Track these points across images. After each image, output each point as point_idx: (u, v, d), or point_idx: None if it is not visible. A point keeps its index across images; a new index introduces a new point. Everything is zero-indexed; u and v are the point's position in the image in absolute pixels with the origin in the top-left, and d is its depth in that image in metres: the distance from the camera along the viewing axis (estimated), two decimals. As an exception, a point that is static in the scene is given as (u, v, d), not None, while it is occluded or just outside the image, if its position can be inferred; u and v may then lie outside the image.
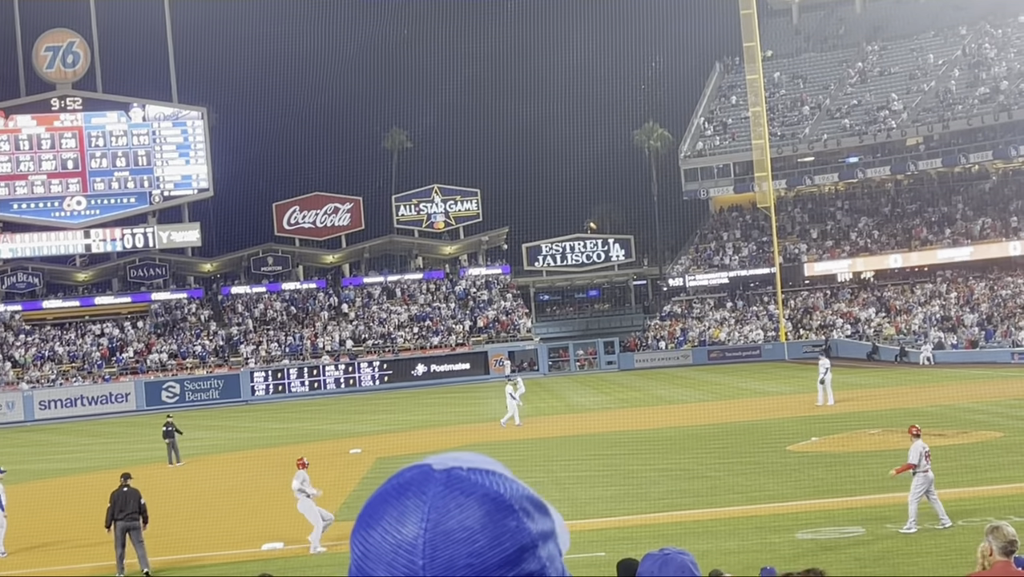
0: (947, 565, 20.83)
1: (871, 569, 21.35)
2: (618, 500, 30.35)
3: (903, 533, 23.74)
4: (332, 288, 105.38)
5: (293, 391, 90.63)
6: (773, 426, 45.02)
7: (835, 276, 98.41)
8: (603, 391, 69.76)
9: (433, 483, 1.78)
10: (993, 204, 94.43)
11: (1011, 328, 78.20)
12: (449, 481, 1.77)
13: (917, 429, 24.85)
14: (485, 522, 1.74)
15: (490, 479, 1.78)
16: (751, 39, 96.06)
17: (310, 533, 27.21)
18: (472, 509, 1.74)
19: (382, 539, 1.78)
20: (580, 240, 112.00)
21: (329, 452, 47.11)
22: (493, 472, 1.77)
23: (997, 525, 11.12)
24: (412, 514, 1.76)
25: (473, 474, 1.77)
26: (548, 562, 1.79)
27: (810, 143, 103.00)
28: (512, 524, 1.76)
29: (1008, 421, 40.92)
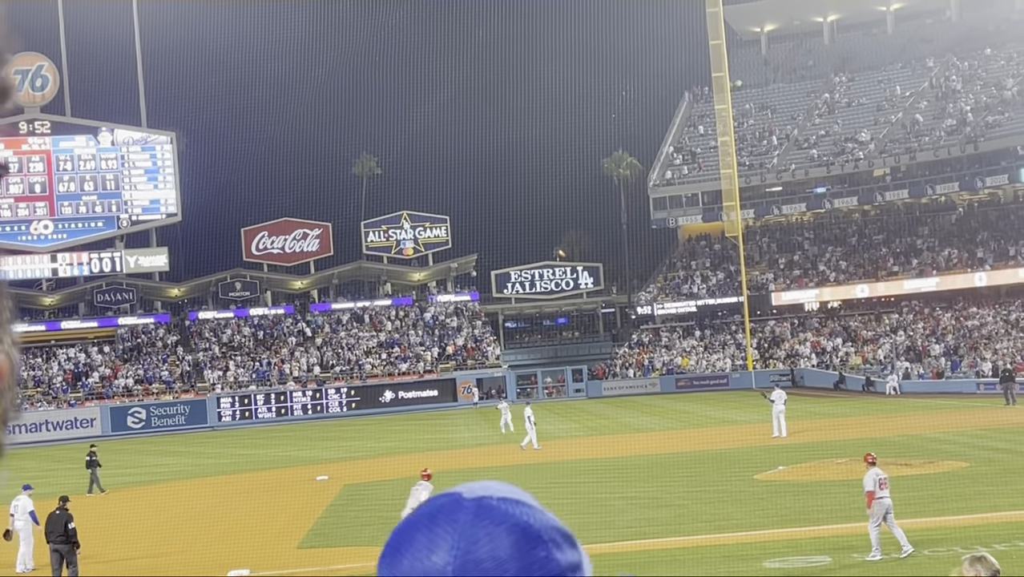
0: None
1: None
2: (585, 528, 30.27)
3: (868, 561, 23.80)
4: (300, 314, 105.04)
5: (260, 417, 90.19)
6: (740, 455, 45.07)
7: (802, 306, 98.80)
8: (571, 419, 69.73)
9: (463, 512, 1.75)
10: (959, 235, 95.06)
11: (977, 359, 78.62)
12: (479, 510, 1.75)
13: (872, 457, 25.03)
14: (514, 552, 1.72)
15: (520, 509, 1.77)
16: (720, 69, 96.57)
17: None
18: (502, 539, 1.73)
19: (411, 566, 1.75)
20: (549, 267, 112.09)
21: (296, 479, 46.93)
22: (523, 502, 1.77)
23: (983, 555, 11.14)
24: (442, 542, 1.73)
25: (503, 504, 1.76)
26: None
27: (778, 173, 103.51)
28: (541, 555, 1.74)
29: (974, 451, 41.09)
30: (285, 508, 38.51)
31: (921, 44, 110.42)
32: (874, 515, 24.05)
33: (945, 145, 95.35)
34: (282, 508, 38.56)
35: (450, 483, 1.87)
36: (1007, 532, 25.63)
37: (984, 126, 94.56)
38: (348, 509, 37.32)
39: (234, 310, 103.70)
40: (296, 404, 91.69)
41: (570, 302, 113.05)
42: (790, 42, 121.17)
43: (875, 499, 24.06)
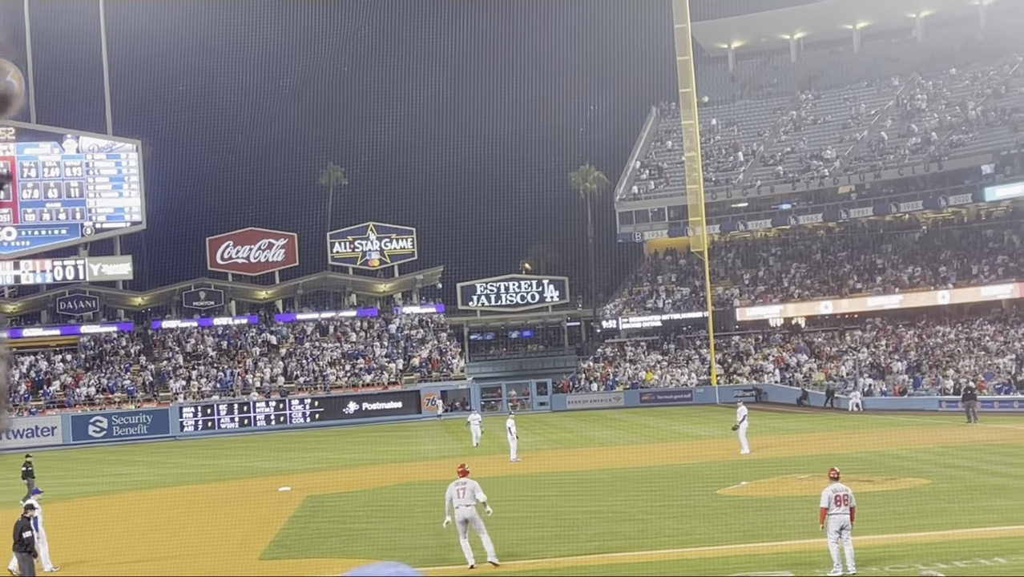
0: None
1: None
2: (548, 542, 30.27)
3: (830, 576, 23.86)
4: (265, 324, 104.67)
5: (223, 427, 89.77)
6: (704, 469, 45.15)
7: (767, 321, 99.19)
8: (535, 432, 69.67)
9: None
10: (922, 253, 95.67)
11: (939, 376, 79.08)
12: None
13: (835, 472, 25.13)
14: None
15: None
16: (687, 85, 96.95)
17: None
18: None
19: None
20: (515, 280, 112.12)
21: (258, 490, 46.73)
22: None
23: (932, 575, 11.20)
24: None
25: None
26: None
27: (744, 189, 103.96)
28: None
29: (935, 468, 41.31)
30: (247, 519, 38.31)
31: (887, 63, 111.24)
32: (829, 531, 24.15)
33: (909, 163, 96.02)
34: (244, 519, 38.36)
35: (417, 494, 1.86)
36: (968, 549, 25.76)
37: (948, 145, 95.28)
38: (311, 520, 37.17)
39: (198, 319, 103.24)
40: (259, 415, 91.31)
41: (536, 315, 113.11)
42: (757, 59, 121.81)
43: (829, 515, 24.14)
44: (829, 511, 24.14)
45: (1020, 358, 77.50)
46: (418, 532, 33.36)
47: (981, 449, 47.64)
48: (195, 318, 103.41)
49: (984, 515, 30.56)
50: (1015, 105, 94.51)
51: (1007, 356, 78.95)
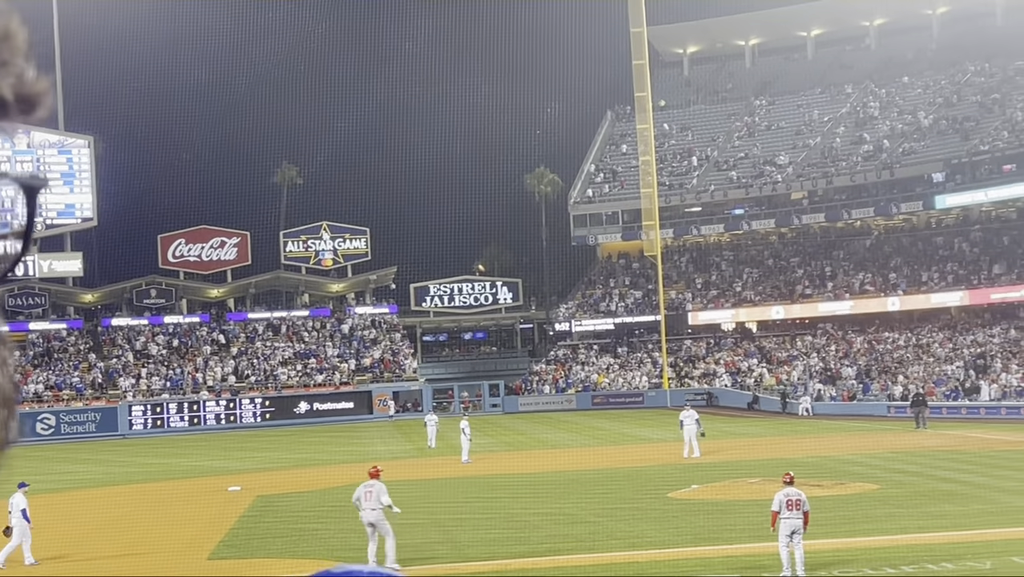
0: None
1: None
2: (499, 543, 30.26)
3: None
4: (216, 322, 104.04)
5: (172, 426, 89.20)
6: (654, 472, 45.28)
7: (718, 325, 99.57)
8: (487, 433, 69.61)
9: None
10: (873, 260, 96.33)
11: (888, 382, 79.67)
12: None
13: (789, 477, 25.22)
14: None
15: None
16: (643, 89, 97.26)
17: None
18: None
19: None
20: (468, 282, 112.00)
21: (208, 489, 46.45)
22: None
23: None
24: None
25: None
26: None
27: (697, 194, 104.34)
28: None
29: (884, 473, 41.60)
30: (196, 518, 38.07)
31: (840, 70, 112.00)
32: (780, 534, 24.24)
33: (861, 171, 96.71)
34: (193, 518, 38.12)
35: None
36: (916, 554, 25.96)
37: (900, 153, 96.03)
38: (260, 520, 36.99)
39: (148, 317, 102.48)
40: (209, 413, 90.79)
41: (489, 317, 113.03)
42: (712, 64, 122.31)
43: (781, 519, 24.24)
44: (780, 515, 24.22)
45: (968, 365, 78.19)
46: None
47: (929, 455, 48.02)
48: (146, 316, 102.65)
49: (932, 520, 30.81)
50: (966, 114, 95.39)
51: (955, 363, 79.65)
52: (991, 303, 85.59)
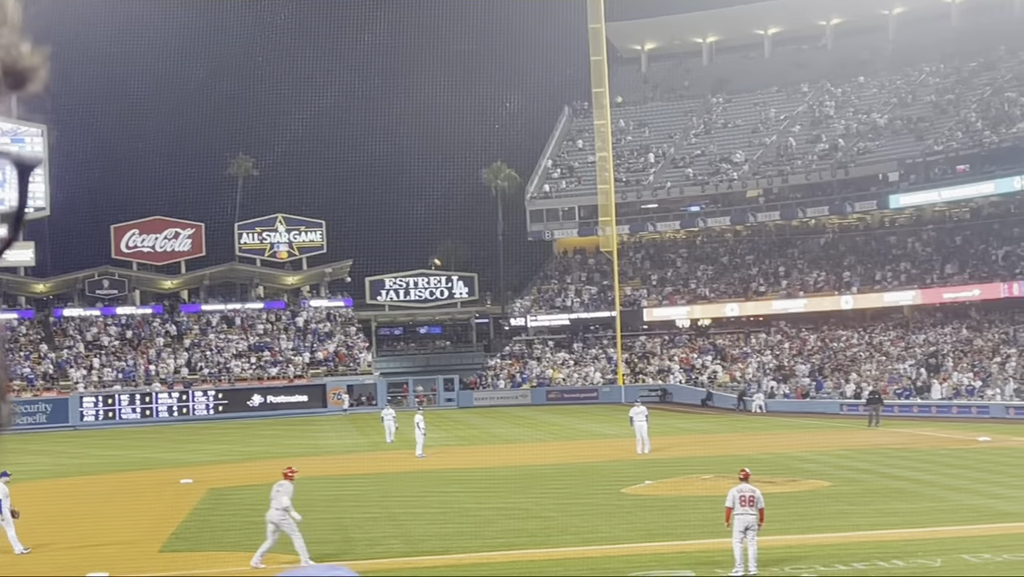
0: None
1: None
2: (453, 538, 30.22)
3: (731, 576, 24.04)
4: (169, 314, 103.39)
5: (124, 418, 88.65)
6: (608, 468, 45.36)
7: (673, 322, 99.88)
8: (442, 428, 69.55)
9: None
10: (827, 258, 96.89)
11: (841, 380, 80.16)
12: None
13: (745, 473, 25.28)
14: None
15: None
16: (600, 85, 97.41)
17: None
18: None
19: None
20: (424, 276, 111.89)
21: (159, 481, 46.16)
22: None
23: None
24: None
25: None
26: None
27: (654, 190, 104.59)
28: None
29: (836, 471, 41.84)
30: (148, 511, 37.82)
31: (797, 69, 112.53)
32: (734, 530, 24.30)
33: (817, 169, 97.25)
34: (145, 511, 37.87)
35: (321, 489, 1.84)
36: (867, 551, 26.11)
37: (855, 152, 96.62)
38: (212, 513, 36.78)
39: (101, 308, 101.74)
40: (162, 406, 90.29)
41: (444, 311, 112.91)
42: (669, 61, 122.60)
43: (735, 515, 24.30)
44: (734, 511, 24.28)
45: (920, 364, 78.79)
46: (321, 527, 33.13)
47: (881, 453, 48.35)
48: (98, 307, 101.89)
49: (883, 518, 31.00)
50: (921, 114, 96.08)
51: (908, 361, 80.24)
52: (943, 302, 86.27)
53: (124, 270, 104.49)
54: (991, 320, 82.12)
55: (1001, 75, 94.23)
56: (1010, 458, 45.10)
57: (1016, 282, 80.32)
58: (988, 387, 71.51)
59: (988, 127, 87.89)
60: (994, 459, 44.76)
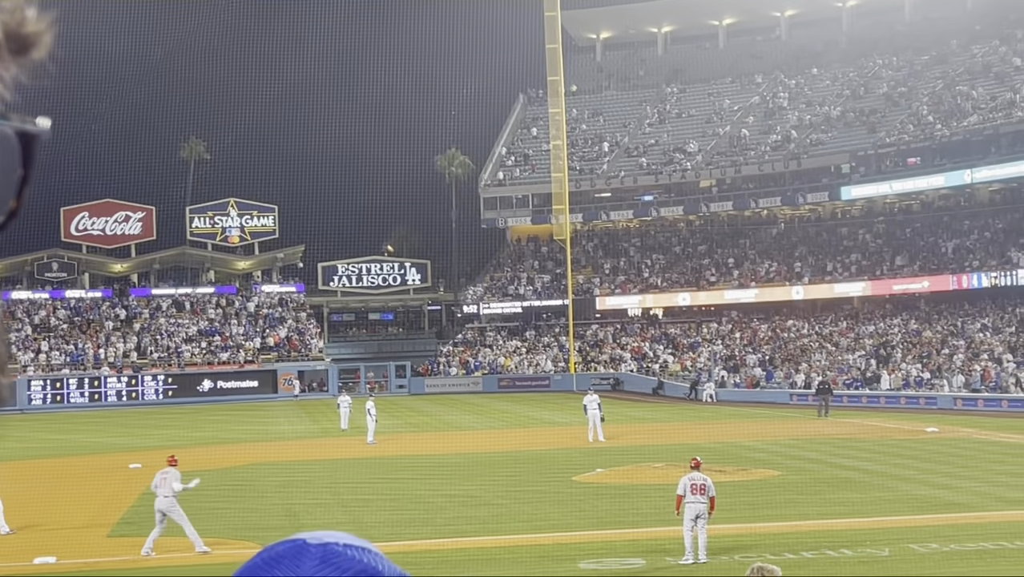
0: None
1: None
2: (404, 525, 30.17)
3: (681, 564, 24.12)
4: (119, 298, 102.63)
5: (72, 402, 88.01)
6: (560, 456, 45.42)
7: (626, 311, 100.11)
8: (393, 414, 69.43)
9: (308, 557, 1.63)
10: (779, 249, 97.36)
11: (791, 370, 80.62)
12: (325, 556, 1.63)
13: (696, 461, 25.35)
14: None
15: (367, 556, 1.66)
16: (555, 73, 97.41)
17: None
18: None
19: None
20: (377, 262, 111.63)
21: (108, 466, 45.82)
22: (369, 550, 1.67)
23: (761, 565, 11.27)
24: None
25: (349, 550, 1.65)
26: None
27: (607, 179, 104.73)
28: None
29: (785, 460, 42.07)
30: (96, 495, 37.53)
31: (751, 60, 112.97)
32: (685, 518, 24.35)
33: (769, 160, 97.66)
34: (93, 495, 37.58)
35: (270, 474, 1.86)
36: (815, 540, 26.27)
37: (808, 143, 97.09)
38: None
39: (50, 291, 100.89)
40: (111, 390, 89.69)
41: (396, 298, 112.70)
42: (624, 50, 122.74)
43: (685, 503, 24.35)
44: (685, 499, 24.32)
45: (869, 355, 79.35)
46: (271, 513, 33.04)
47: (830, 443, 48.65)
48: (47, 289, 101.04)
49: (832, 507, 31.21)
50: (873, 107, 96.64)
51: (857, 352, 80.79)
52: (893, 294, 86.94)
53: (74, 253, 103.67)
54: (940, 312, 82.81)
55: (953, 69, 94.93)
56: (957, 449, 45.51)
57: (965, 275, 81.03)
58: (936, 378, 72.13)
59: (939, 120, 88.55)
60: (942, 450, 45.15)
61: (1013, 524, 27.73)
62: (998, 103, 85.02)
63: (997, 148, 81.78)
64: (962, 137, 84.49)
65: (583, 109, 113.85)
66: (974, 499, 32.08)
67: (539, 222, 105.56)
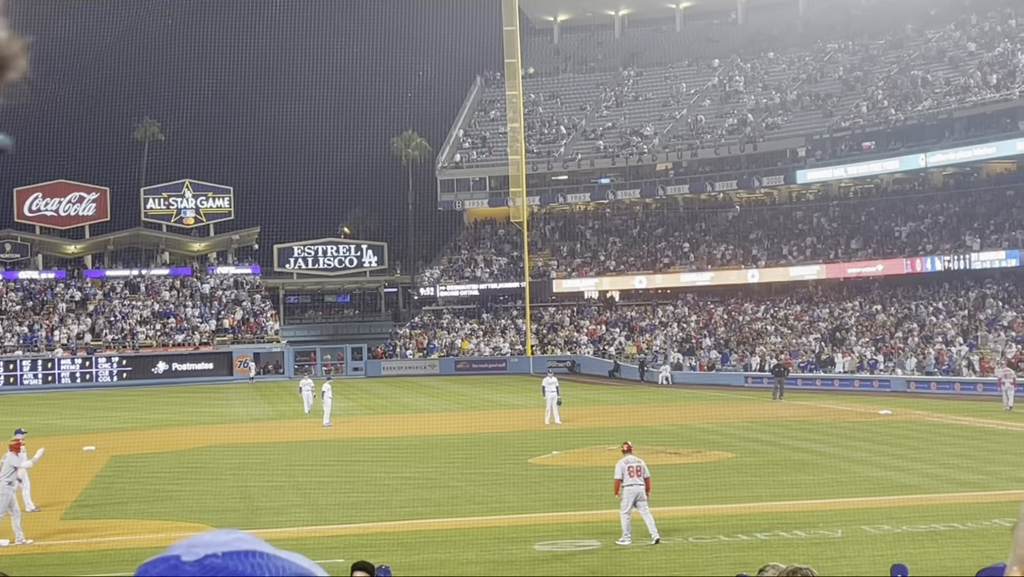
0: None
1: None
2: (359, 507, 30.16)
3: (618, 545, 24.29)
4: (73, 279, 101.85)
5: (25, 384, 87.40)
6: (515, 438, 45.50)
7: (582, 294, 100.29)
8: (349, 397, 69.33)
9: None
10: (735, 232, 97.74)
11: (746, 353, 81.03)
12: (204, 573, 1.50)
13: (628, 445, 25.61)
14: None
15: (250, 562, 1.53)
16: (512, 56, 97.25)
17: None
18: None
19: None
20: (333, 244, 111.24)
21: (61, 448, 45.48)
22: (253, 553, 1.54)
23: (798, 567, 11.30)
24: None
25: (230, 561, 1.51)
26: None
27: (564, 162, 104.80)
28: None
29: (739, 442, 42.32)
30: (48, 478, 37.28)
31: (708, 44, 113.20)
32: (624, 501, 24.56)
33: (726, 144, 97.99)
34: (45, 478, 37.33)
35: (226, 457, 1.84)
36: (769, 522, 26.43)
37: (764, 127, 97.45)
38: (115, 480, 36.38)
39: (2, 272, 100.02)
40: (64, 372, 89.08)
41: (353, 280, 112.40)
42: (582, 33, 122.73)
43: (624, 486, 24.59)
44: (624, 482, 24.58)
45: (824, 338, 79.86)
46: (226, 495, 32.95)
47: (784, 425, 48.98)
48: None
49: (786, 489, 31.43)
50: (828, 91, 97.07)
51: (812, 335, 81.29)
52: (847, 277, 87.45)
53: (27, 234, 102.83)
54: (894, 296, 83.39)
55: (908, 53, 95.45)
56: (910, 431, 45.91)
57: (918, 258, 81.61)
58: (890, 361, 72.70)
59: (894, 105, 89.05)
60: (894, 432, 45.53)
61: (964, 506, 28.02)
62: (952, 87, 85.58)
63: (951, 132, 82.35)
64: (916, 121, 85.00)
65: (540, 92, 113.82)
66: (926, 481, 32.39)
67: (496, 205, 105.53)
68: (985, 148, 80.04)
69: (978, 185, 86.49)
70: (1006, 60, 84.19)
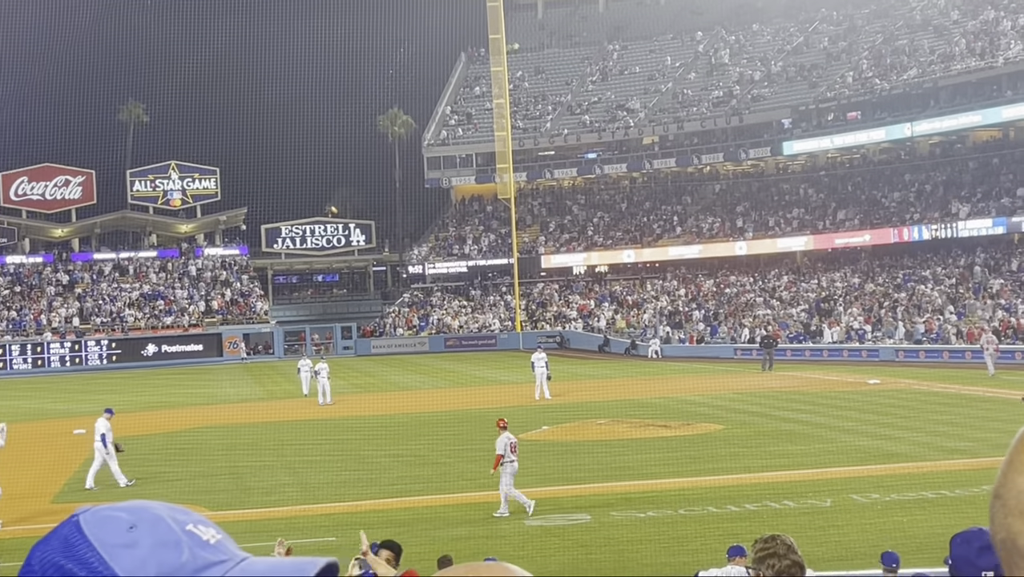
0: (668, 552, 21.47)
1: (595, 555, 21.82)
2: (349, 485, 30.23)
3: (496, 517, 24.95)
4: (60, 263, 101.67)
5: (15, 368, 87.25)
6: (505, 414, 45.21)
7: (571, 269, 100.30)
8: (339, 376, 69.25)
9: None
10: (722, 205, 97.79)
11: (735, 325, 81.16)
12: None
13: (504, 422, 26.19)
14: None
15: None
16: (497, 31, 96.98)
17: None
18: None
19: None
20: (320, 224, 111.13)
21: (52, 432, 45.56)
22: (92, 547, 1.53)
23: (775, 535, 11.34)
24: None
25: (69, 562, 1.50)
26: None
27: (551, 137, 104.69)
28: None
29: (728, 414, 42.43)
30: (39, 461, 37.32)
31: (692, 16, 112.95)
32: (505, 476, 25.12)
33: (711, 116, 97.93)
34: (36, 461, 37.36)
35: (216, 437, 1.84)
36: (758, 493, 26.56)
37: (749, 99, 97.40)
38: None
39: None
40: (53, 355, 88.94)
41: (341, 259, 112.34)
42: (566, 8, 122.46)
43: (506, 461, 25.23)
44: (505, 458, 25.28)
45: (812, 309, 79.99)
46: (217, 476, 33.00)
47: (773, 396, 49.10)
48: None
49: (775, 460, 31.54)
50: (814, 62, 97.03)
51: (800, 306, 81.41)
52: (835, 248, 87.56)
53: (13, 218, 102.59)
54: (882, 265, 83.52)
55: (892, 22, 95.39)
56: (898, 400, 46.06)
57: (905, 228, 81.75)
58: (878, 331, 72.85)
59: (879, 74, 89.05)
60: (883, 401, 45.68)
61: (952, 473, 28.14)
62: (937, 56, 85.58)
63: (936, 101, 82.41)
64: (902, 91, 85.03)
65: (525, 67, 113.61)
66: (914, 449, 32.52)
67: (483, 181, 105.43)
68: (971, 116, 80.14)
69: (964, 153, 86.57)
70: (990, 28, 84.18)
